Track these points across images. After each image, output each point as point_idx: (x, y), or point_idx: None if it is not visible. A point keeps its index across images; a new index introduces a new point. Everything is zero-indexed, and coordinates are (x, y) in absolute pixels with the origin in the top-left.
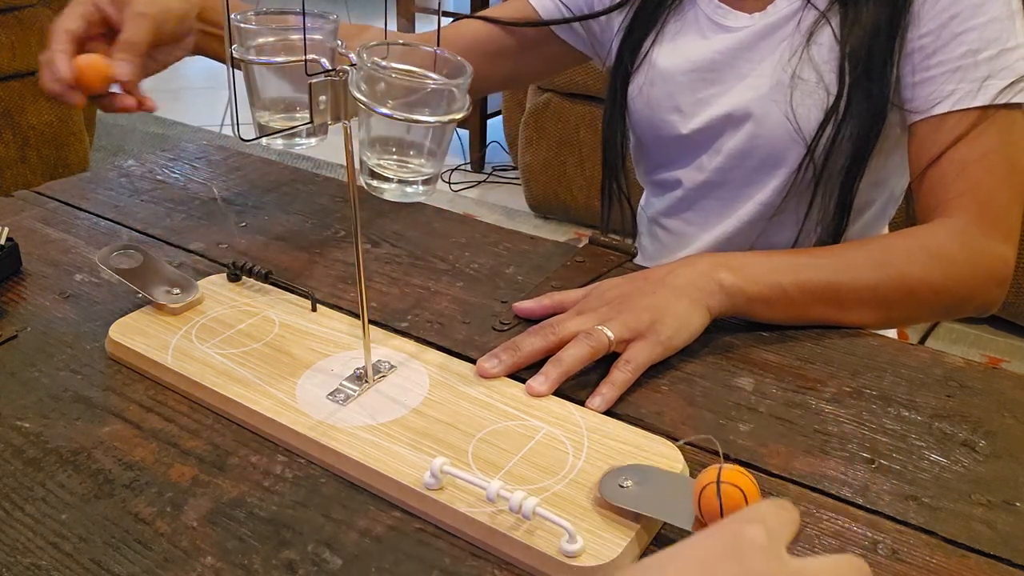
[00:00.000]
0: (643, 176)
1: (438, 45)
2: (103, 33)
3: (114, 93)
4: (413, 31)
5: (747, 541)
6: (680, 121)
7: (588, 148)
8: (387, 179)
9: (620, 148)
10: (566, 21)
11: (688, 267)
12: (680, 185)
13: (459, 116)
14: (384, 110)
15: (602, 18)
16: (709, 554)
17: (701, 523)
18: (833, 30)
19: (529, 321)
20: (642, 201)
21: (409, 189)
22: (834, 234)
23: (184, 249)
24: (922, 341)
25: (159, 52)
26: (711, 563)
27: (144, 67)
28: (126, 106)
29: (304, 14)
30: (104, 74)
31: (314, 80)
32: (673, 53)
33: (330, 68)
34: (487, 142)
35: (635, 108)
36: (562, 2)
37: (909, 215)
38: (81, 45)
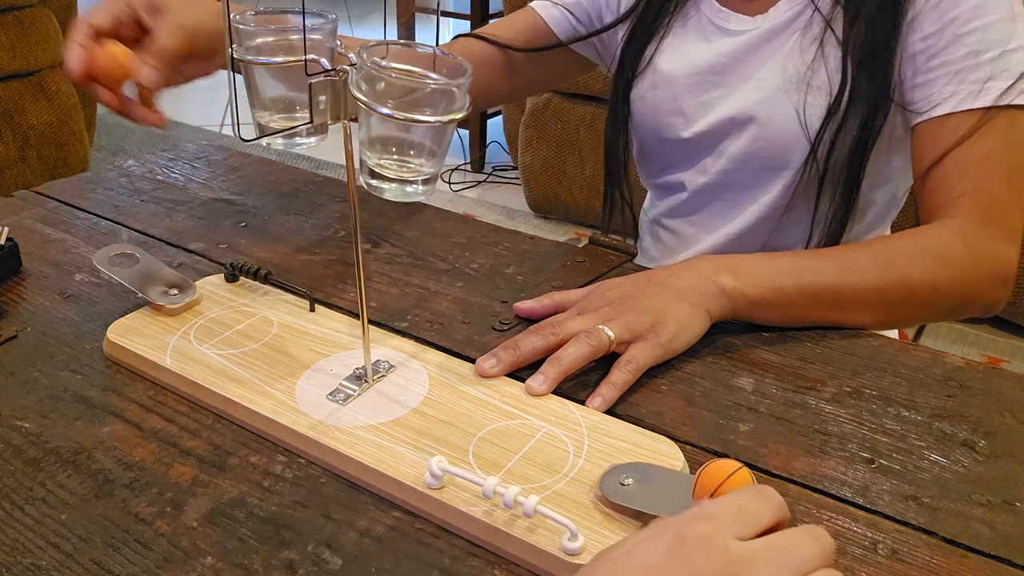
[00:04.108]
0: (646, 179)
1: (436, 45)
2: (135, 38)
3: (130, 100)
4: (413, 33)
5: (691, 540)
6: (683, 124)
7: (588, 148)
8: (387, 179)
9: (622, 156)
10: (580, 39)
11: (690, 270)
12: (683, 188)
13: (459, 116)
14: (384, 110)
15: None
16: (652, 557)
17: None
18: (835, 31)
19: (529, 321)
20: (645, 203)
21: (409, 189)
22: (838, 234)
23: (184, 249)
24: (916, 338)
25: (187, 65)
26: (656, 566)
27: (168, 78)
28: (139, 117)
29: (304, 13)
30: (122, 64)
31: (314, 80)
32: (676, 57)
33: (330, 68)
34: (487, 142)
35: (638, 112)
36: (570, 11)
37: (912, 217)
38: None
